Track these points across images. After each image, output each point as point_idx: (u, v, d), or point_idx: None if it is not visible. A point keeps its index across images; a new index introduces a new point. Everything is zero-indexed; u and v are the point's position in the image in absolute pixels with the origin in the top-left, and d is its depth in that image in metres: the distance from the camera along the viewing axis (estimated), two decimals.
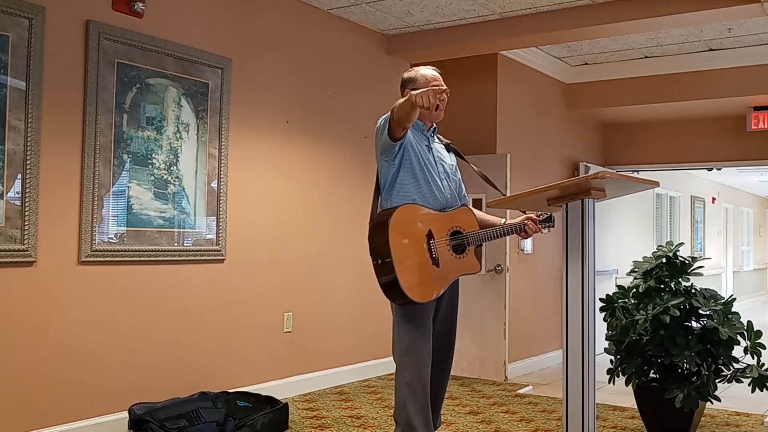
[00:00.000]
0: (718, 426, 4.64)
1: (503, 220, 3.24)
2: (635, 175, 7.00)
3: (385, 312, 3.18)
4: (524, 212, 3.22)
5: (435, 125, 3.25)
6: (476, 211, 3.27)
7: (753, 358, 4.20)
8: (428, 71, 3.20)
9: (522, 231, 3.16)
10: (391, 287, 2.88)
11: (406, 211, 2.97)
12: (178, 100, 4.46)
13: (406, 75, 3.21)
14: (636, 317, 4.26)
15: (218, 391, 4.48)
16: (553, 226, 3.19)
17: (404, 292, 2.85)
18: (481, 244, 3.21)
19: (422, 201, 3.04)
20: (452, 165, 3.28)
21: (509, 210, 4.59)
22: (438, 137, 3.30)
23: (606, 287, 7.16)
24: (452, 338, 3.23)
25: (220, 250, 4.69)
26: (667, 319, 4.12)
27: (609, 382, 4.44)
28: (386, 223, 2.90)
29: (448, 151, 3.31)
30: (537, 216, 3.17)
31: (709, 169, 8.94)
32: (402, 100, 2.84)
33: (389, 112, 2.92)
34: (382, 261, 2.88)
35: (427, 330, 3.01)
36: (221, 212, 4.70)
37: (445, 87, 2.99)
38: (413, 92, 2.75)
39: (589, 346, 2.71)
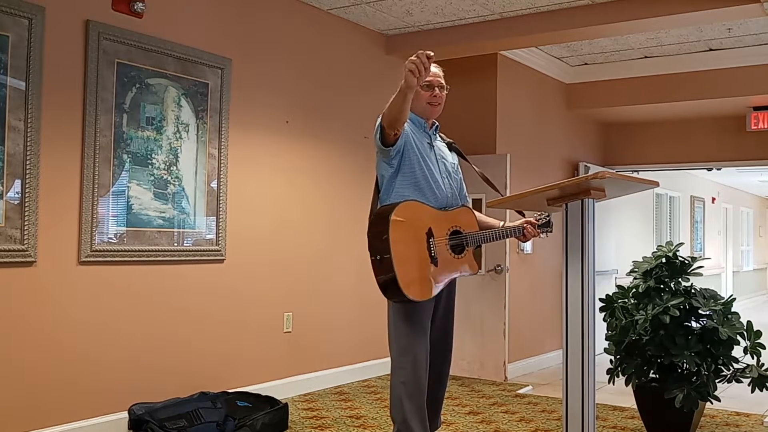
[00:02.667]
0: (717, 426, 4.64)
1: (502, 223, 3.22)
2: (635, 175, 7.00)
3: (385, 312, 3.17)
4: (522, 215, 3.22)
5: (437, 123, 3.24)
6: (476, 213, 3.26)
7: (753, 358, 4.20)
8: None
9: (521, 234, 3.15)
10: (388, 284, 2.86)
11: (407, 207, 2.94)
12: (178, 100, 4.46)
13: None
14: (636, 317, 4.26)
15: (218, 391, 4.47)
16: (551, 231, 3.19)
17: (402, 289, 2.83)
18: (480, 245, 3.20)
19: (422, 199, 3.02)
20: (454, 164, 3.27)
21: (509, 211, 4.59)
22: (440, 136, 3.29)
23: (606, 287, 7.15)
24: (450, 338, 3.22)
25: (219, 250, 4.69)
26: (667, 319, 4.11)
27: (609, 382, 4.44)
28: (387, 219, 2.87)
29: (450, 151, 3.30)
30: (536, 220, 3.17)
31: (709, 169, 8.94)
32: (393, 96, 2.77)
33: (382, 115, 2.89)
34: (381, 257, 2.85)
35: (424, 330, 3.00)
36: (221, 212, 4.70)
37: (430, 53, 2.65)
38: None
39: (589, 346, 2.71)
